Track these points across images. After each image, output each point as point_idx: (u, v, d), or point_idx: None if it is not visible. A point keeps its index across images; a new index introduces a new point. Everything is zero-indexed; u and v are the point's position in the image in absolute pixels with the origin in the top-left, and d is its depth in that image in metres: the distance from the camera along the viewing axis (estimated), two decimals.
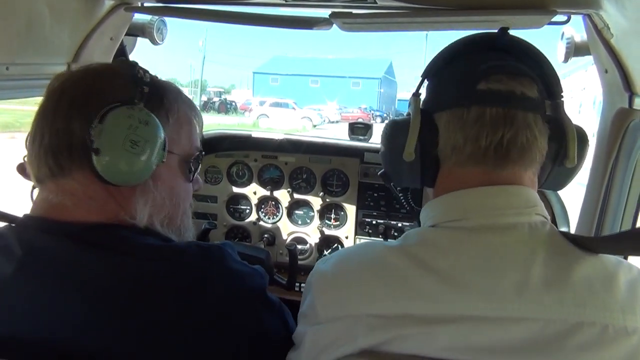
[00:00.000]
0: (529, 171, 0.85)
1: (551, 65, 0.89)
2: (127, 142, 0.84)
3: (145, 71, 0.95)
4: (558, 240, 0.81)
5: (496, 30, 0.92)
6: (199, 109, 1.06)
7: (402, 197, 1.13)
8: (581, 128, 0.90)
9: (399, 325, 0.75)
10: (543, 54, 0.89)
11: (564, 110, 0.87)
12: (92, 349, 0.76)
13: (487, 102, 0.81)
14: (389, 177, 1.01)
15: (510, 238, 0.79)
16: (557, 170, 0.90)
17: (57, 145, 0.85)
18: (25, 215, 0.90)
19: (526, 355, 0.71)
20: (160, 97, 0.93)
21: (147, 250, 0.85)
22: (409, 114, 0.92)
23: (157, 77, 0.98)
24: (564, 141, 0.86)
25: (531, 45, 0.89)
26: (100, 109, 0.84)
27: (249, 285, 0.89)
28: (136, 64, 0.96)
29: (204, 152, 1.05)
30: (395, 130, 0.92)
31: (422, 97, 0.96)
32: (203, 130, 1.08)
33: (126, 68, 0.94)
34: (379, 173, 1.02)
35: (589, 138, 0.92)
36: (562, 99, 0.89)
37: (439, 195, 0.90)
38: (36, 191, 0.92)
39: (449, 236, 0.83)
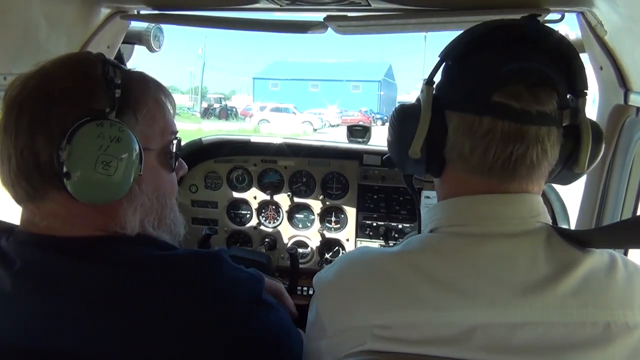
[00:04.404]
0: (535, 182, 0.83)
1: (580, 60, 0.84)
2: (99, 164, 0.79)
3: (116, 66, 0.87)
4: (556, 242, 0.80)
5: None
6: (167, 89, 0.98)
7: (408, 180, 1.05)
8: (598, 128, 0.86)
9: (403, 333, 0.76)
10: (573, 47, 0.83)
11: (584, 112, 0.83)
12: (89, 355, 0.76)
13: (501, 115, 0.77)
14: (393, 164, 0.96)
15: (512, 247, 0.79)
16: (565, 172, 0.87)
17: (25, 167, 0.80)
18: (17, 229, 0.88)
19: (532, 354, 0.72)
20: (128, 97, 0.86)
21: (141, 260, 0.83)
22: (419, 101, 0.87)
23: (124, 69, 0.89)
24: (577, 148, 0.82)
25: (562, 37, 0.83)
26: (64, 123, 0.79)
27: (245, 290, 0.89)
28: (105, 59, 0.87)
29: (180, 137, 0.99)
30: (404, 120, 0.88)
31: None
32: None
33: (92, 66, 0.86)
34: (383, 157, 0.96)
35: (603, 139, 0.87)
36: (586, 97, 0.83)
37: (444, 195, 0.89)
38: None
39: (451, 242, 0.82)
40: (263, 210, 2.32)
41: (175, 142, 0.97)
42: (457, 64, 0.87)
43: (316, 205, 2.24)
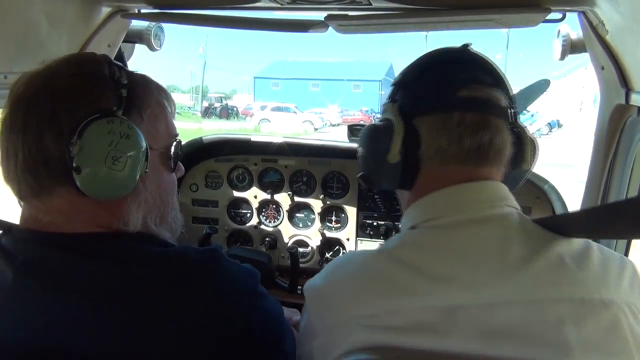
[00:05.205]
0: (499, 169, 0.94)
1: (506, 78, 0.98)
2: (109, 159, 0.81)
3: (120, 67, 0.90)
4: (530, 227, 0.86)
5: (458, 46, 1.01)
6: (167, 91, 1.00)
7: (378, 200, 1.22)
8: (533, 135, 1.00)
9: (388, 320, 0.79)
10: (499, 68, 0.98)
11: (519, 119, 0.98)
12: (90, 355, 0.76)
13: (468, 108, 0.89)
14: (369, 179, 1.02)
15: (485, 230, 0.84)
16: (514, 172, 0.98)
17: (33, 163, 0.80)
18: (15, 227, 0.88)
19: (512, 336, 0.75)
20: (133, 96, 0.89)
21: (142, 258, 0.84)
22: (386, 120, 0.97)
23: (127, 71, 0.92)
24: (522, 146, 0.95)
25: (490, 59, 0.99)
26: (74, 120, 0.80)
27: (243, 286, 0.89)
28: (110, 60, 0.90)
29: (180, 139, 1.02)
30: (377, 134, 0.96)
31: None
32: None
33: (99, 66, 0.88)
34: (357, 176, 1.04)
35: (538, 146, 1.01)
36: (516, 110, 0.98)
37: (417, 198, 0.94)
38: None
39: (426, 235, 0.88)
40: (263, 210, 2.32)
41: (175, 143, 1.00)
42: (416, 82, 0.99)
43: (317, 204, 2.24)
